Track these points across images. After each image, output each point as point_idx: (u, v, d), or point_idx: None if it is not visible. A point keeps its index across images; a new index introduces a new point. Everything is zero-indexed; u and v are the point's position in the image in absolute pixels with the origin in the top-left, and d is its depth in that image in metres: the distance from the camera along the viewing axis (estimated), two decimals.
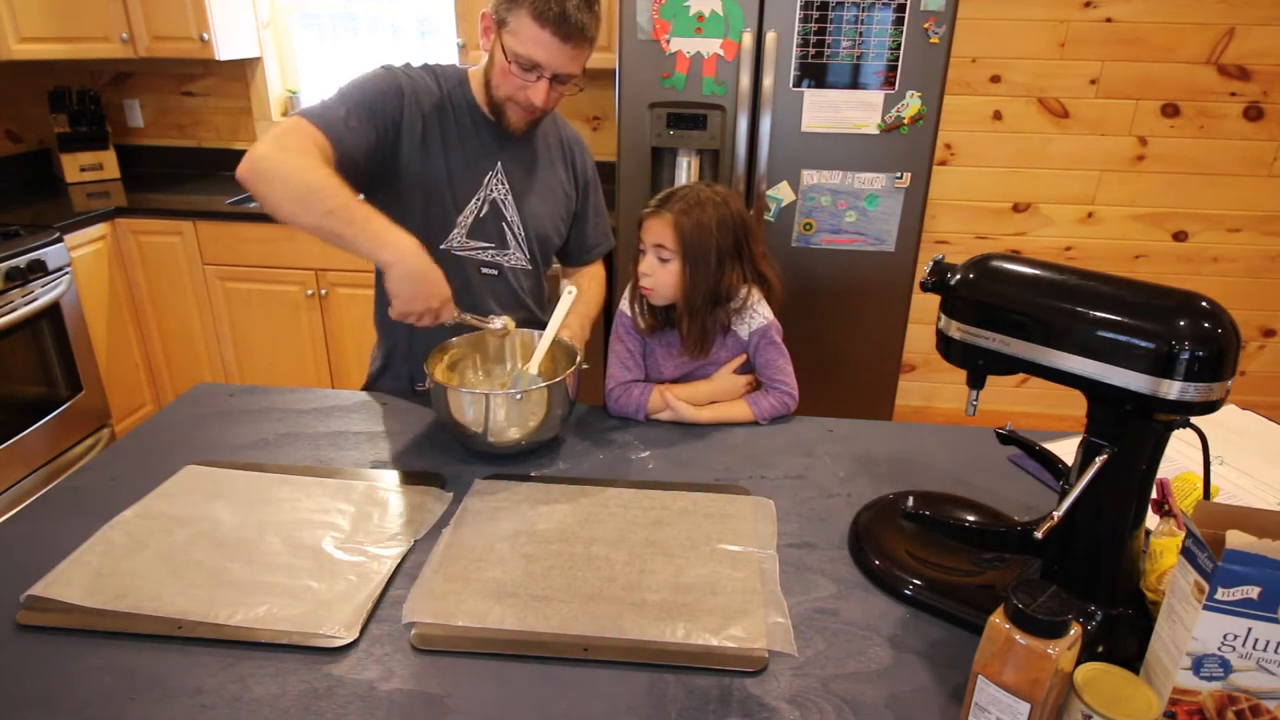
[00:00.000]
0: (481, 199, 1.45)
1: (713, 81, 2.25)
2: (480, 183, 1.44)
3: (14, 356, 2.40)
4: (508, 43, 1.29)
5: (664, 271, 1.35)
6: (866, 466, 1.26)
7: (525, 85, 1.32)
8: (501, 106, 1.38)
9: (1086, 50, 2.80)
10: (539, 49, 1.27)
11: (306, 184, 1.17)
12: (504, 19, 1.28)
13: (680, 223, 1.32)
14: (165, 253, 2.81)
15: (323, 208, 1.16)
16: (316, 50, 3.31)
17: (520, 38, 1.27)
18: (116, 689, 0.81)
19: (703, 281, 1.34)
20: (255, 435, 1.31)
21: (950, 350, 0.93)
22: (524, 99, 1.34)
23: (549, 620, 0.90)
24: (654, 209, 1.35)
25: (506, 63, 1.30)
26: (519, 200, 1.48)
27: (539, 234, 1.53)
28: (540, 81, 1.31)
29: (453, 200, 1.42)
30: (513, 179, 1.47)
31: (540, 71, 1.30)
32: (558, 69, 1.30)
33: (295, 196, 1.17)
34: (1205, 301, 0.77)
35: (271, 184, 1.17)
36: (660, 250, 1.34)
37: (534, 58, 1.28)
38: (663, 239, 1.33)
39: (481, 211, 1.45)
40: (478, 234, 1.46)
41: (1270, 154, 2.88)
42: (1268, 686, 0.69)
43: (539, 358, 1.32)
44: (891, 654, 0.88)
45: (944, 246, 3.08)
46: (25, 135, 3.20)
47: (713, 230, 1.32)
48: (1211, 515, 0.72)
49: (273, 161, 1.18)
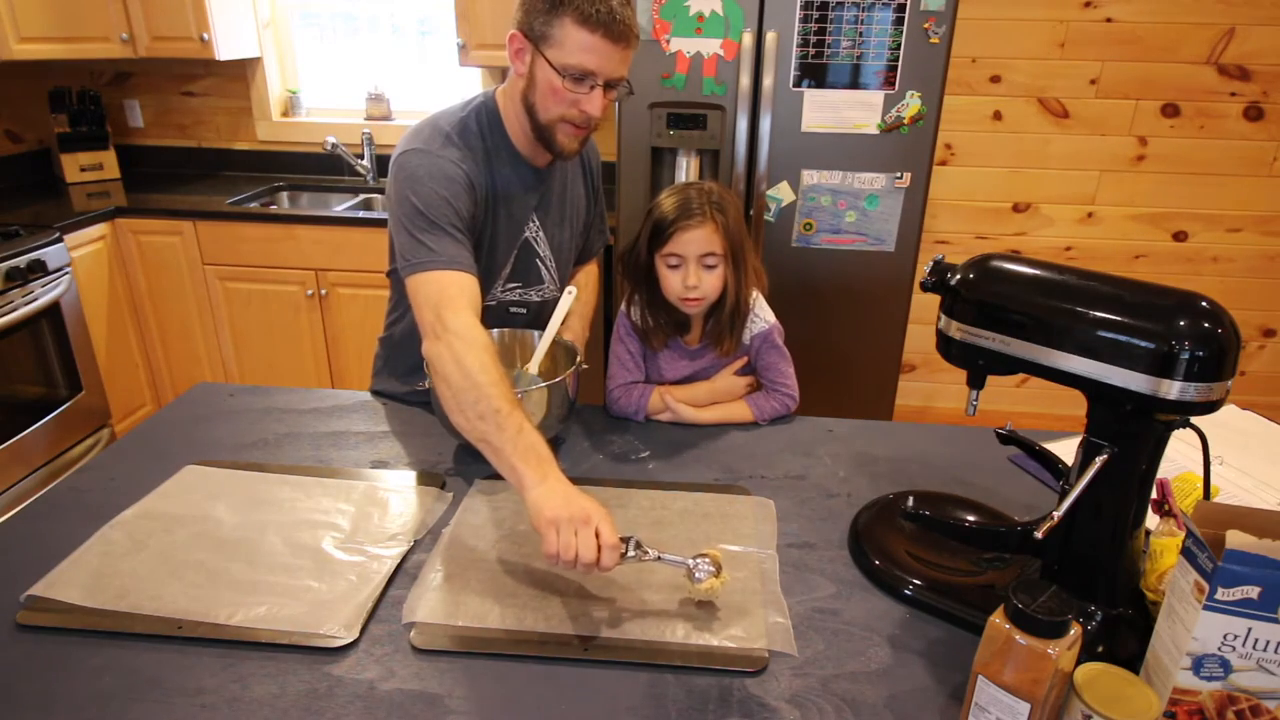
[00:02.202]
0: (518, 245, 1.40)
1: (713, 81, 2.25)
2: (523, 230, 1.39)
3: (14, 356, 2.40)
4: (553, 57, 1.19)
5: (712, 277, 1.33)
6: (866, 466, 1.26)
7: (578, 99, 1.22)
8: (551, 130, 1.26)
9: (1086, 50, 2.80)
10: (591, 55, 1.18)
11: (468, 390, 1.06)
12: (542, 34, 1.19)
13: (725, 225, 1.31)
14: (165, 253, 2.81)
15: (475, 410, 1.05)
16: (316, 50, 3.31)
17: (567, 48, 1.18)
18: (116, 689, 0.81)
19: (743, 275, 1.35)
20: (255, 435, 1.31)
21: (950, 350, 0.93)
22: (578, 115, 1.24)
23: (549, 620, 0.90)
24: (692, 220, 1.30)
25: (557, 79, 1.20)
26: (549, 233, 1.43)
27: (566, 257, 1.50)
28: (594, 91, 1.22)
29: (496, 259, 1.38)
30: (542, 214, 1.41)
31: (594, 80, 1.21)
32: (610, 74, 1.21)
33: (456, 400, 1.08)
34: (1205, 301, 0.77)
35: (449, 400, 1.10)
36: (707, 258, 1.31)
37: (586, 66, 1.19)
38: (710, 246, 1.31)
39: (515, 255, 1.40)
40: (511, 277, 1.42)
41: (1270, 154, 2.88)
42: (1268, 686, 0.69)
43: (539, 358, 1.32)
44: (891, 654, 0.88)
45: (944, 246, 3.08)
46: (25, 135, 3.20)
47: (739, 215, 1.35)
48: (1211, 515, 0.72)
49: (448, 360, 1.09)
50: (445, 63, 3.16)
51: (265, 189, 3.08)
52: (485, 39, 2.69)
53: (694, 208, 1.31)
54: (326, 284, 2.77)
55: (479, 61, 2.75)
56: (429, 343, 1.14)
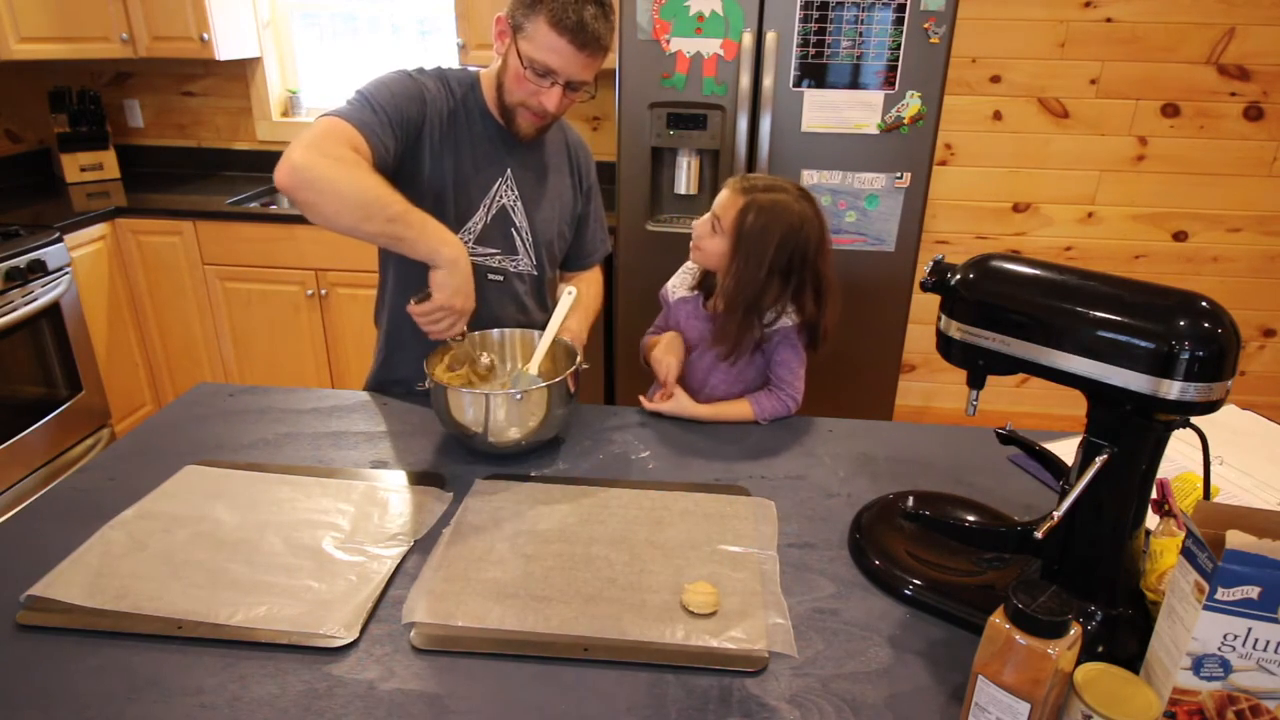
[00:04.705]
0: (490, 205, 1.44)
1: (713, 81, 2.25)
2: (490, 189, 1.44)
3: (14, 356, 2.40)
4: (523, 48, 1.29)
5: (710, 240, 1.37)
6: (866, 466, 1.26)
7: (538, 91, 1.32)
8: (513, 111, 1.38)
9: (1086, 50, 2.80)
10: (554, 56, 1.28)
11: (363, 192, 1.17)
12: (520, 24, 1.28)
13: (746, 213, 1.32)
14: (165, 253, 2.81)
15: (385, 214, 1.17)
16: (316, 50, 3.31)
17: (536, 44, 1.27)
18: (116, 689, 0.81)
19: (748, 283, 1.33)
20: (255, 435, 1.31)
21: (950, 350, 0.93)
22: (536, 105, 1.34)
23: (549, 620, 0.90)
24: (738, 186, 1.35)
25: (521, 68, 1.30)
26: (528, 207, 1.48)
27: (547, 239, 1.53)
28: (554, 88, 1.32)
29: (463, 207, 1.42)
30: (522, 186, 1.47)
31: (554, 78, 1.31)
32: (572, 76, 1.31)
33: (354, 205, 1.17)
34: (1205, 301, 0.77)
35: (322, 194, 1.16)
36: (717, 221, 1.35)
37: (549, 64, 1.28)
38: (724, 214, 1.34)
39: (490, 218, 1.45)
40: (485, 240, 1.46)
41: (1270, 154, 2.88)
42: (1268, 686, 0.69)
43: (539, 358, 1.32)
44: (891, 654, 0.88)
45: (944, 246, 3.08)
46: (25, 135, 3.20)
47: (774, 240, 1.31)
48: (1211, 515, 0.72)
49: (320, 170, 1.16)
50: (445, 63, 3.15)
51: (265, 189, 3.08)
52: (485, 39, 2.69)
53: (749, 181, 1.36)
54: (326, 284, 2.78)
55: (479, 62, 2.75)
56: (294, 160, 1.15)
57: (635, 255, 2.46)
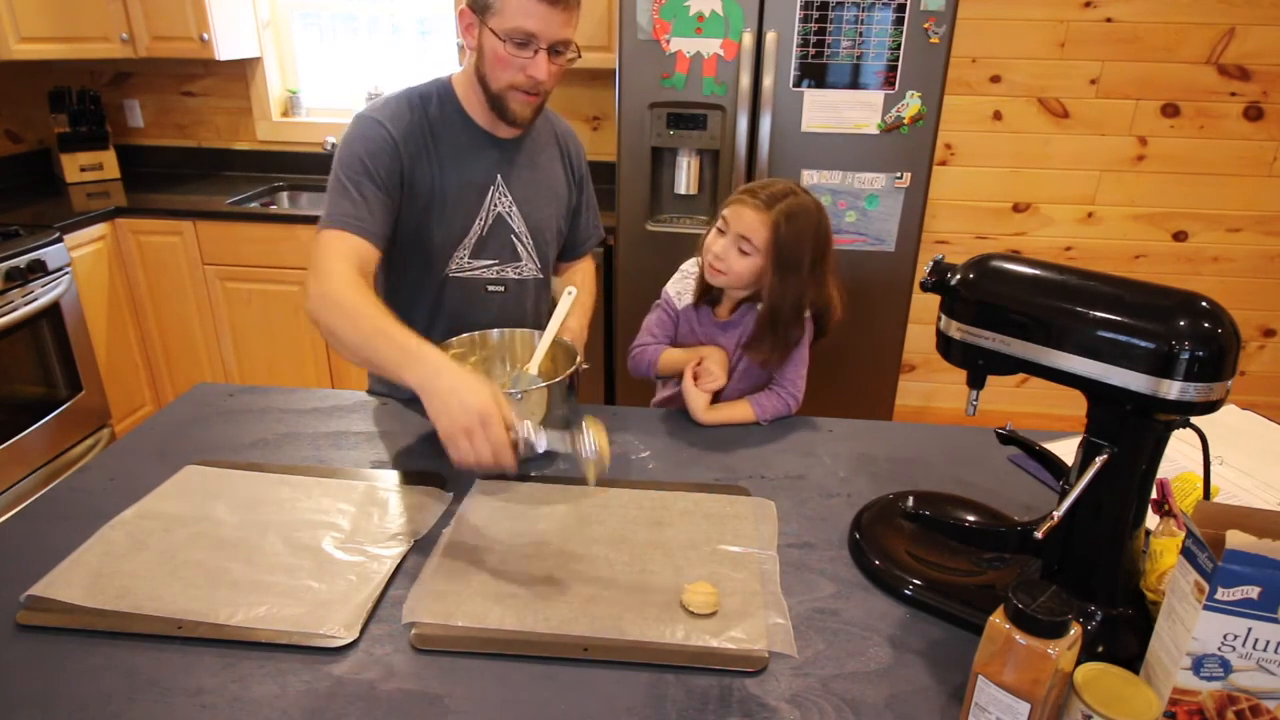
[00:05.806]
0: (486, 216, 1.43)
1: (713, 81, 2.25)
2: (483, 202, 1.43)
3: (14, 356, 2.40)
4: (496, 24, 1.27)
5: (741, 262, 1.34)
6: (866, 466, 1.26)
7: (525, 64, 1.29)
8: (503, 99, 1.34)
9: (1086, 50, 2.80)
10: (529, 19, 1.25)
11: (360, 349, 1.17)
12: (484, 4, 1.27)
13: (779, 226, 1.31)
14: (165, 253, 2.81)
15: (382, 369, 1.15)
16: (316, 50, 3.31)
17: (507, 14, 1.26)
18: (116, 689, 0.81)
19: (793, 288, 1.33)
20: (255, 435, 1.31)
21: (950, 350, 0.93)
22: (525, 80, 1.31)
23: (549, 620, 0.90)
24: (755, 203, 1.33)
25: (501, 46, 1.28)
26: (524, 209, 1.47)
27: (546, 238, 1.52)
28: (538, 55, 1.29)
29: (456, 224, 1.41)
30: (514, 189, 1.45)
31: (536, 43, 1.28)
32: (552, 36, 1.28)
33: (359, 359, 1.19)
34: (1205, 301, 0.77)
35: (334, 340, 1.20)
36: (744, 242, 1.33)
37: (527, 28, 1.26)
38: (752, 234, 1.32)
39: (485, 229, 1.44)
40: (482, 252, 1.45)
41: (1270, 154, 2.88)
42: (1268, 686, 0.69)
43: (539, 358, 1.32)
44: (891, 654, 0.88)
45: (944, 246, 3.08)
46: (25, 135, 3.20)
47: (808, 241, 1.32)
48: (1211, 515, 0.72)
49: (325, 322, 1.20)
50: (445, 63, 3.16)
51: (265, 189, 3.08)
52: None
53: (761, 194, 1.34)
54: None
55: None
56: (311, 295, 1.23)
57: (635, 255, 2.46)
